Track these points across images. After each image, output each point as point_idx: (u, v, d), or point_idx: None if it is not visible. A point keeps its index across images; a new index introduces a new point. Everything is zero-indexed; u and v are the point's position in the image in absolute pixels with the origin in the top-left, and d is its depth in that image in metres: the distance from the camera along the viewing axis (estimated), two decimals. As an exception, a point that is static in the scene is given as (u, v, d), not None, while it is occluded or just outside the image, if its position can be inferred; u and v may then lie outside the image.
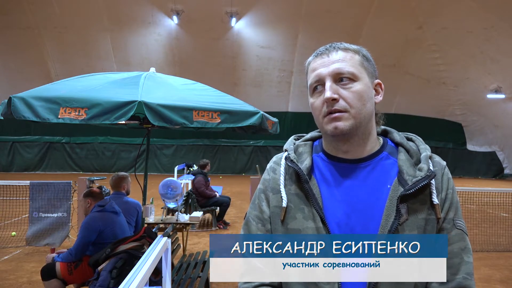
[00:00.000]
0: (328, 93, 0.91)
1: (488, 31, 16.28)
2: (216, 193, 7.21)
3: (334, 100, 0.91)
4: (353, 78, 0.93)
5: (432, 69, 19.27)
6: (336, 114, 0.91)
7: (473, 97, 20.14)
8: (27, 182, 5.24)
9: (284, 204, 0.96)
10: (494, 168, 21.80)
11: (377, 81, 1.00)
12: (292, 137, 1.13)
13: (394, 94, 20.36)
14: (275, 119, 3.74)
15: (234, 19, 16.94)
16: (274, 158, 1.09)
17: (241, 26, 17.71)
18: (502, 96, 18.98)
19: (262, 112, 3.21)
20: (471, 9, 15.60)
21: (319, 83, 0.95)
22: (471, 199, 7.65)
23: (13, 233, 5.98)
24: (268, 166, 1.08)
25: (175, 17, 16.72)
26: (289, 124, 19.39)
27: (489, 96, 19.32)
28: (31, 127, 18.57)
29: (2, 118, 2.94)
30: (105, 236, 3.21)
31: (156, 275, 2.67)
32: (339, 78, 0.93)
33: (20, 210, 6.35)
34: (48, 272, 3.12)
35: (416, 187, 0.88)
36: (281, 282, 0.98)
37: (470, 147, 22.34)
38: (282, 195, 0.97)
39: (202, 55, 18.25)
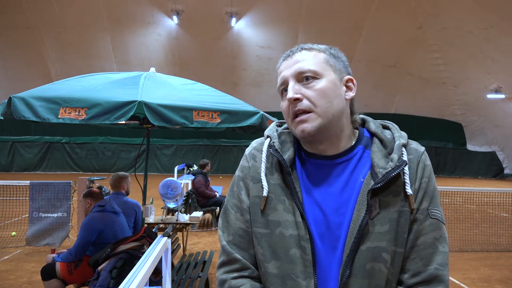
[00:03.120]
0: (290, 93, 0.90)
1: (488, 31, 16.29)
2: (216, 193, 7.21)
3: (297, 100, 0.89)
4: (315, 76, 0.91)
5: (432, 69, 19.28)
6: (302, 117, 0.89)
7: (473, 97, 20.15)
8: (27, 182, 5.24)
9: (265, 193, 0.94)
10: (494, 168, 21.81)
11: (348, 77, 0.96)
12: (274, 123, 1.10)
13: (394, 94, 20.38)
14: (275, 119, 3.74)
15: (234, 19, 16.94)
16: (254, 144, 1.05)
17: (241, 26, 17.71)
18: (502, 96, 18.98)
19: (262, 112, 3.21)
20: (471, 9, 15.61)
21: (285, 85, 0.94)
22: (471, 199, 7.66)
23: (13, 233, 5.98)
24: (247, 152, 1.04)
25: (175, 17, 16.72)
26: (289, 124, 19.34)
27: (489, 96, 19.32)
28: (31, 127, 18.58)
29: (2, 118, 2.94)
30: (105, 236, 3.20)
31: (156, 275, 2.67)
32: (302, 77, 0.91)
33: (20, 210, 6.35)
34: (48, 272, 3.12)
35: (386, 180, 0.86)
36: (259, 274, 0.96)
37: (470, 147, 22.34)
38: (263, 184, 0.95)
39: (202, 55, 18.25)
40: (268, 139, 1.01)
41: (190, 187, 8.03)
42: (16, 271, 4.48)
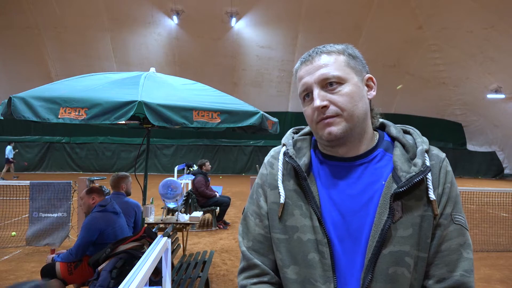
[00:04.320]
0: (317, 102, 0.90)
1: (488, 31, 16.28)
2: (216, 193, 7.21)
3: (324, 108, 0.90)
4: (340, 81, 0.91)
5: (432, 69, 19.27)
6: (328, 120, 0.90)
7: (473, 97, 20.14)
8: (27, 182, 5.24)
9: (282, 200, 0.95)
10: (494, 168, 21.81)
11: (367, 76, 0.98)
12: (291, 130, 1.11)
13: (394, 94, 20.37)
14: (275, 119, 3.74)
15: (234, 19, 16.94)
16: (272, 152, 1.07)
17: (241, 26, 17.71)
18: (502, 96, 18.98)
19: (262, 112, 3.21)
20: (471, 9, 15.60)
21: (308, 91, 0.94)
22: (471, 199, 7.65)
23: (13, 233, 5.98)
24: (266, 160, 1.07)
25: (175, 17, 16.72)
26: (289, 124, 19.38)
27: (489, 96, 19.32)
28: (31, 127, 18.58)
29: (2, 118, 2.93)
30: (105, 237, 3.20)
31: (156, 275, 2.67)
32: (326, 83, 0.91)
33: (20, 210, 6.35)
34: (48, 272, 3.12)
35: (410, 184, 0.86)
36: (280, 280, 0.97)
37: (470, 147, 22.35)
38: (280, 191, 0.96)
39: (202, 55, 18.25)
40: (284, 147, 1.03)
41: (190, 187, 8.03)
42: (16, 271, 4.48)
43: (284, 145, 1.04)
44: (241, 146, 20.30)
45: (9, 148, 15.28)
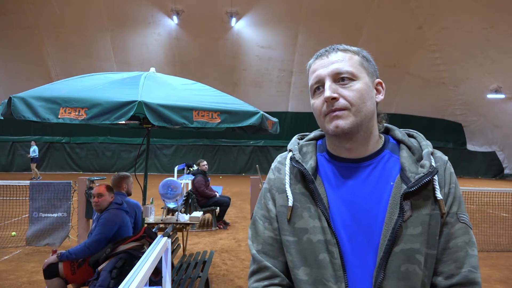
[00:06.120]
0: (327, 93, 0.92)
1: (488, 31, 16.28)
2: (216, 193, 7.21)
3: (334, 99, 0.91)
4: (352, 78, 0.93)
5: (432, 69, 19.27)
6: (337, 113, 0.91)
7: (473, 97, 20.14)
8: (27, 182, 5.24)
9: (290, 203, 0.97)
10: (494, 168, 21.80)
11: (377, 80, 1.00)
12: (296, 136, 1.14)
13: (394, 94, 20.37)
14: (275, 119, 3.74)
15: (234, 19, 16.94)
16: (278, 158, 1.10)
17: (241, 26, 17.71)
18: (502, 96, 18.98)
19: (262, 112, 3.21)
20: (471, 9, 15.61)
21: (319, 84, 0.96)
22: (471, 199, 7.65)
23: (13, 233, 5.98)
24: (273, 165, 1.10)
25: (175, 17, 16.72)
26: (289, 124, 19.39)
27: (489, 96, 19.32)
28: (31, 127, 18.57)
29: (2, 118, 2.94)
30: (117, 235, 3.23)
31: (156, 275, 2.68)
32: (338, 78, 0.93)
33: (20, 210, 6.35)
34: (50, 271, 3.12)
35: (419, 184, 0.89)
36: (290, 282, 0.98)
37: (470, 147, 22.35)
38: (288, 194, 0.98)
39: (202, 55, 18.25)
40: (290, 153, 1.05)
41: (190, 187, 8.03)
42: (16, 271, 4.48)
43: (290, 150, 1.06)
44: (241, 146, 20.30)
45: (35, 148, 15.69)
